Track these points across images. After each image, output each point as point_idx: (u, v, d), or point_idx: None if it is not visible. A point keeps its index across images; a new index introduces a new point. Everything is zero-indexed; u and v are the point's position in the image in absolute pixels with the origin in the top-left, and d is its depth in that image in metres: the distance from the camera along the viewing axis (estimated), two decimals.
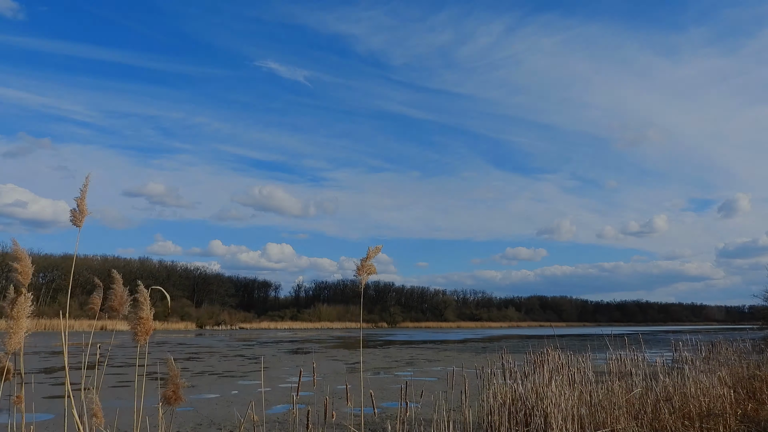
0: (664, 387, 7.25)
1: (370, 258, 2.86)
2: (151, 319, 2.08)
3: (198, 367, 17.57)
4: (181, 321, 69.68)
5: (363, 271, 2.85)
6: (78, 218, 2.28)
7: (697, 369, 8.43)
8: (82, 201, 2.29)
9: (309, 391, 10.15)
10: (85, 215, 2.29)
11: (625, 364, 8.20)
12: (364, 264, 2.85)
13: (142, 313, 2.07)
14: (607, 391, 6.60)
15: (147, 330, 2.08)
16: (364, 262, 2.86)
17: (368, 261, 2.86)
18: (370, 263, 2.87)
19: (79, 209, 2.27)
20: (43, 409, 9.44)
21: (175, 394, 1.86)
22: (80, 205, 2.28)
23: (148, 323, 2.07)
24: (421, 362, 19.85)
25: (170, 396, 1.86)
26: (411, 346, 32.32)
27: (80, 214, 2.28)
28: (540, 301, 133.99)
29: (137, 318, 2.07)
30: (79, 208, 2.27)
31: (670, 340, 12.19)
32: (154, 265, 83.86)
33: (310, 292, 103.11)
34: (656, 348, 25.48)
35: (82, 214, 2.29)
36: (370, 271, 2.85)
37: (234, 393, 11.59)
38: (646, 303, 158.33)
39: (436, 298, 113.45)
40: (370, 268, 2.86)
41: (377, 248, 2.90)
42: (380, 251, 2.89)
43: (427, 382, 12.78)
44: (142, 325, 2.07)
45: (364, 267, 2.85)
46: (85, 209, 2.29)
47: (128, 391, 11.32)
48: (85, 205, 2.29)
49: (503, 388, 6.15)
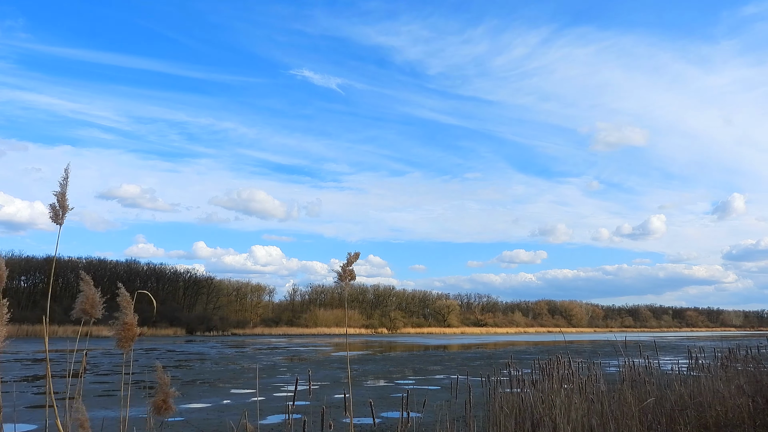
0: (679, 396, 7.24)
1: (351, 263, 2.88)
2: (136, 324, 2.07)
3: (188, 375, 17.56)
4: (170, 326, 69.61)
5: (345, 277, 2.87)
6: (58, 215, 2.18)
7: (714, 377, 8.42)
8: (62, 196, 2.18)
9: (305, 401, 10.14)
10: (66, 211, 2.20)
11: (638, 372, 8.19)
12: (346, 269, 2.87)
13: (126, 317, 2.05)
14: (619, 400, 6.58)
15: (131, 336, 2.06)
16: (346, 267, 2.88)
17: (349, 266, 2.88)
18: (351, 268, 2.88)
19: (60, 205, 2.17)
20: (25, 420, 9.43)
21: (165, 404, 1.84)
22: (61, 200, 2.18)
23: (133, 329, 2.06)
24: (424, 370, 19.85)
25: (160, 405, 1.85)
26: (412, 353, 32.32)
27: (61, 210, 2.18)
28: (548, 305, 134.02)
29: (120, 323, 2.05)
30: (60, 204, 2.17)
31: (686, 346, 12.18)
32: (142, 268, 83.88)
33: (306, 297, 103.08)
34: (671, 355, 25.49)
35: (63, 211, 2.19)
36: (350, 276, 2.88)
37: (226, 402, 11.58)
38: (660, 307, 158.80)
39: (438, 303, 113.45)
40: (351, 273, 2.88)
41: (356, 254, 2.93)
42: (359, 258, 2.92)
43: (429, 391, 12.78)
44: (126, 331, 2.05)
45: (346, 272, 2.87)
46: (66, 205, 2.19)
47: (114, 401, 11.32)
48: (66, 201, 2.19)
49: (510, 397, 6.14)
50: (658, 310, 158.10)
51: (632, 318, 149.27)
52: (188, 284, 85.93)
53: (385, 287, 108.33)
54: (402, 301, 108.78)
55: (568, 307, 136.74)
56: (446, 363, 23.42)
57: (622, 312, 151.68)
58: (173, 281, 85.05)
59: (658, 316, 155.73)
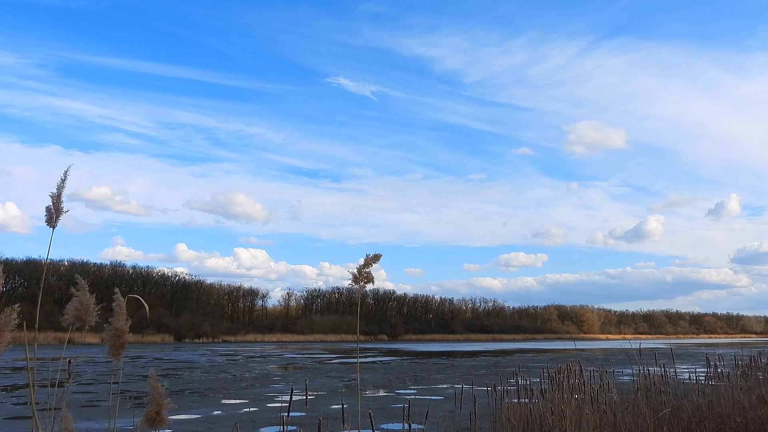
0: (696, 407, 7.26)
1: (369, 266, 2.86)
2: (128, 331, 2.08)
3: (177, 385, 17.58)
4: (158, 333, 69.66)
5: (360, 280, 2.85)
6: (53, 218, 2.27)
7: (733, 386, 8.44)
8: (58, 199, 2.27)
9: (301, 412, 10.16)
10: (60, 214, 2.28)
11: (654, 381, 8.21)
12: (362, 272, 2.85)
13: (117, 323, 2.06)
14: (632, 411, 6.61)
15: (122, 343, 2.08)
16: (362, 269, 2.86)
17: (366, 269, 2.86)
18: (368, 271, 2.87)
19: (55, 208, 2.26)
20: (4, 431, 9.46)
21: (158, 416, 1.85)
22: (56, 203, 2.26)
23: (124, 336, 2.07)
24: (426, 379, 19.87)
25: (153, 417, 1.85)
26: (415, 361, 32.34)
27: (56, 213, 2.27)
28: (558, 310, 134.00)
29: (112, 330, 2.06)
30: (55, 207, 2.26)
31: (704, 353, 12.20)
32: (128, 271, 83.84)
33: (301, 302, 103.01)
34: (688, 363, 25.51)
35: (58, 213, 2.27)
36: (368, 279, 2.86)
37: (217, 413, 11.60)
38: (676, 313, 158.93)
39: (442, 308, 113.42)
40: (369, 276, 2.86)
41: (375, 256, 2.90)
42: (379, 260, 2.90)
43: (432, 401, 12.80)
44: (118, 338, 2.06)
45: (362, 275, 2.84)
46: (60, 208, 2.28)
47: (98, 412, 11.34)
48: (61, 204, 2.28)
49: (517, 408, 6.17)
50: (674, 316, 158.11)
51: (647, 324, 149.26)
52: (176, 288, 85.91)
53: (386, 291, 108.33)
54: (403, 306, 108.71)
55: (579, 312, 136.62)
56: (450, 371, 23.44)
57: (636, 317, 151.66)
58: (161, 285, 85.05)
59: (674, 322, 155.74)
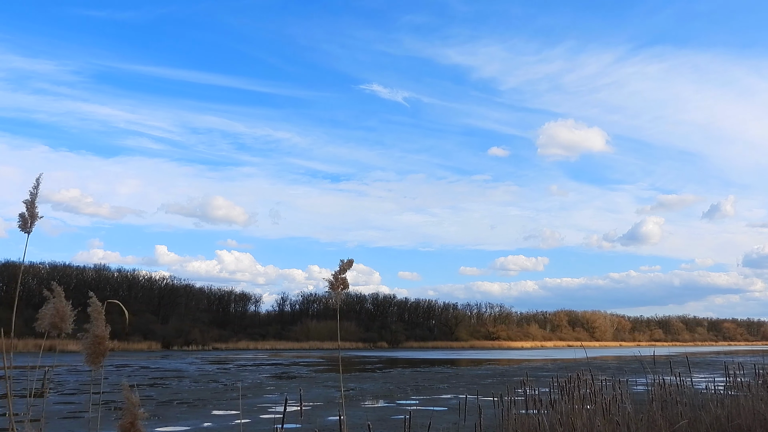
0: (715, 418, 7.24)
1: (344, 271, 2.91)
2: (108, 338, 2.07)
3: (164, 395, 17.57)
4: (144, 340, 69.64)
5: (337, 286, 2.90)
6: (27, 223, 2.39)
7: (754, 397, 8.42)
8: (32, 204, 2.39)
9: (296, 423, 10.15)
10: (35, 220, 2.41)
11: (669, 391, 8.20)
12: (338, 277, 2.90)
13: (96, 330, 2.05)
14: (647, 422, 6.59)
15: (102, 351, 2.06)
16: (338, 275, 2.91)
17: (342, 274, 2.91)
18: (343, 277, 2.92)
19: (30, 214, 2.39)
20: None
21: (133, 427, 1.84)
22: (30, 208, 2.39)
23: (104, 343, 2.06)
24: (428, 388, 19.87)
25: (128, 429, 1.84)
26: (416, 370, 32.34)
27: (30, 218, 2.39)
28: (568, 316, 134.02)
29: (90, 337, 2.04)
30: (29, 213, 2.38)
31: (722, 362, 12.20)
32: (113, 275, 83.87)
33: (296, 307, 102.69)
34: (706, 371, 25.49)
35: (33, 219, 2.40)
36: (343, 285, 2.92)
37: (207, 425, 11.59)
38: (693, 318, 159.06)
39: (445, 314, 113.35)
40: (344, 282, 2.91)
41: (349, 261, 2.97)
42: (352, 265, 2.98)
43: (435, 412, 12.79)
44: (96, 346, 2.05)
45: (338, 281, 2.89)
46: (35, 213, 2.40)
47: (80, 423, 11.32)
48: (35, 209, 2.41)
49: (525, 419, 6.14)
50: (692, 322, 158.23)
51: (662, 330, 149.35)
52: (164, 293, 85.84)
53: (385, 296, 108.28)
54: (404, 311, 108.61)
55: (590, 318, 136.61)
56: (454, 380, 23.44)
57: (651, 324, 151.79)
58: (147, 289, 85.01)
59: (691, 329, 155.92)
